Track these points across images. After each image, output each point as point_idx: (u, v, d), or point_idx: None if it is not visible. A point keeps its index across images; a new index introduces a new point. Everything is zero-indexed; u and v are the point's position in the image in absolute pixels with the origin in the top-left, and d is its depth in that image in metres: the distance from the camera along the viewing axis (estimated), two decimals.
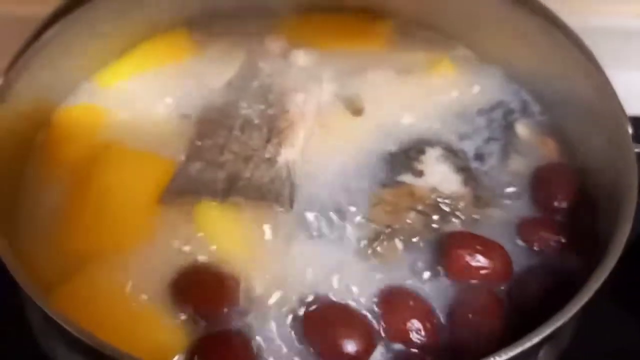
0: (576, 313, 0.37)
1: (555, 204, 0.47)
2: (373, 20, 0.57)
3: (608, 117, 0.46)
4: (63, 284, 0.42)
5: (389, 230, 0.44)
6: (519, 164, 0.49)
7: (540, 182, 0.48)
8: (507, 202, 0.47)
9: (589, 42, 0.49)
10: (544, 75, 0.52)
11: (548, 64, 0.51)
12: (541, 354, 0.43)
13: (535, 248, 0.45)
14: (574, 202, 0.47)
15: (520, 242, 0.45)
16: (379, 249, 0.44)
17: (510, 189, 0.48)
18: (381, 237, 0.44)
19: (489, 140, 0.50)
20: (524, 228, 0.46)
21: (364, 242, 0.44)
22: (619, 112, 0.45)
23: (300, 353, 0.41)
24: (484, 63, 0.55)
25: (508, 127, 0.51)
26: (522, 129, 0.52)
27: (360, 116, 0.51)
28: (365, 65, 0.54)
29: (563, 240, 0.45)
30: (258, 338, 0.41)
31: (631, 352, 0.49)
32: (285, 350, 0.41)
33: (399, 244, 0.44)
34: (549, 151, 0.50)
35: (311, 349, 0.41)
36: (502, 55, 0.54)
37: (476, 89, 0.53)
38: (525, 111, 0.52)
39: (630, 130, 0.44)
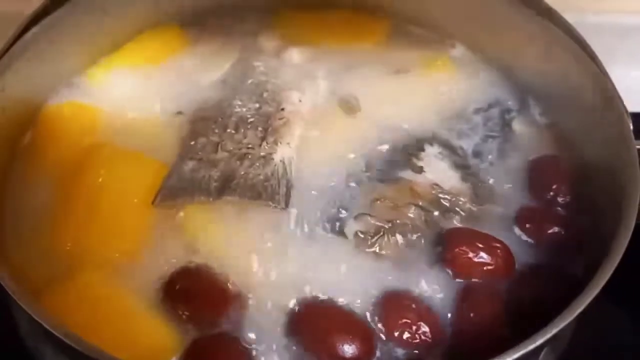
0: (580, 313, 0.37)
1: (551, 194, 0.46)
2: (369, 18, 0.56)
3: (608, 113, 0.46)
4: (53, 286, 0.41)
5: (390, 225, 0.44)
6: (517, 161, 0.49)
7: (535, 174, 0.48)
8: (507, 198, 0.47)
9: (586, 39, 0.48)
10: (542, 72, 0.52)
11: (546, 60, 0.51)
12: (542, 355, 0.42)
13: (533, 238, 0.45)
14: (572, 196, 0.46)
15: (521, 238, 0.45)
16: (378, 244, 0.43)
17: (509, 185, 0.48)
18: (382, 232, 0.43)
19: (487, 137, 0.50)
20: (522, 217, 0.45)
21: (364, 238, 0.43)
22: (619, 108, 0.45)
23: (295, 356, 0.40)
24: (481, 61, 0.55)
25: (506, 125, 0.51)
26: (519, 127, 0.51)
27: (357, 116, 0.50)
28: (361, 63, 0.54)
29: (557, 230, 0.44)
30: (252, 341, 0.40)
31: (628, 350, 0.49)
32: (280, 354, 0.40)
33: (399, 239, 0.43)
34: (546, 147, 0.50)
35: (308, 353, 0.40)
36: (499, 53, 0.54)
37: (473, 86, 0.53)
38: (522, 109, 0.52)
39: (631, 126, 0.44)
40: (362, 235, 0.44)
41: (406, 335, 0.40)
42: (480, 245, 0.42)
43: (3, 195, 0.46)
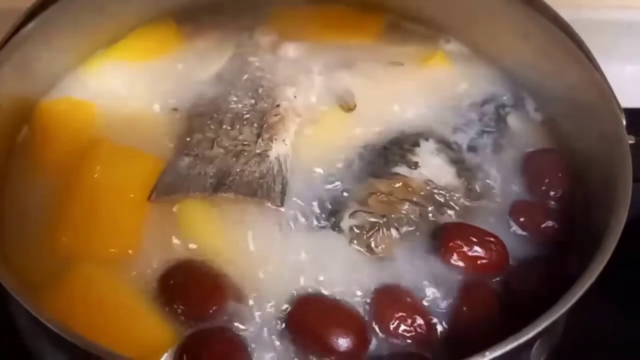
0: (571, 306, 0.37)
1: (545, 188, 0.47)
2: (364, 13, 0.56)
3: (601, 109, 0.46)
4: (50, 282, 0.41)
5: (385, 220, 0.44)
6: (512, 156, 0.49)
7: (529, 168, 0.48)
8: (501, 192, 0.47)
9: (580, 35, 0.49)
10: (537, 67, 0.52)
11: (541, 56, 0.51)
12: (535, 347, 0.43)
13: (527, 231, 0.45)
14: (565, 190, 0.47)
15: (515, 232, 0.45)
16: (374, 239, 0.43)
17: (503, 180, 0.48)
18: (377, 227, 0.44)
19: (482, 133, 0.50)
20: (516, 210, 0.46)
21: (359, 232, 0.44)
22: (612, 104, 0.45)
23: (291, 350, 0.40)
24: (476, 56, 0.55)
25: (501, 120, 0.51)
26: (514, 122, 0.52)
27: (352, 111, 0.51)
28: (356, 59, 0.54)
29: (551, 224, 0.45)
30: (247, 335, 0.40)
31: (620, 343, 0.49)
32: (275, 347, 0.40)
33: (394, 233, 0.44)
34: (541, 142, 0.50)
35: (303, 346, 0.40)
36: (495, 49, 0.54)
37: (469, 82, 0.53)
38: (517, 104, 0.53)
39: (624, 122, 0.44)
40: (357, 230, 0.44)
41: (402, 328, 0.40)
42: (475, 240, 0.43)
43: (1, 192, 0.46)
